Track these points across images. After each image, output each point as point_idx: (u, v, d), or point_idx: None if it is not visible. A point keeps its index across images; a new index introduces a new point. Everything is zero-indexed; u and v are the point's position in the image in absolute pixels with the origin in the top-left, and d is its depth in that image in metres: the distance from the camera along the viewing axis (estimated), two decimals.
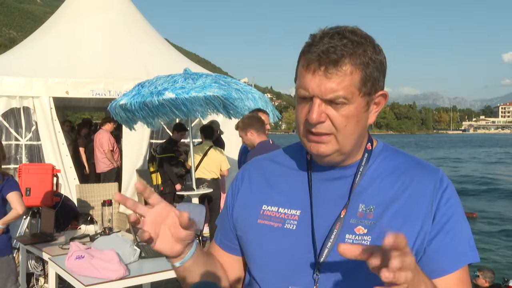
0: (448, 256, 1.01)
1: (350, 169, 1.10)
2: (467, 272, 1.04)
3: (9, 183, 3.44)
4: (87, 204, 6.30)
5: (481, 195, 19.06)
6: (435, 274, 1.01)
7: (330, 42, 0.98)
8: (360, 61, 0.99)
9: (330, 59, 0.97)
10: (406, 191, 1.05)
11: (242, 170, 1.26)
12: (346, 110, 1.00)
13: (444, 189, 1.05)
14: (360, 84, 1.00)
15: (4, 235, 3.42)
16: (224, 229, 1.23)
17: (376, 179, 1.08)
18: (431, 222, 1.02)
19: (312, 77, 0.99)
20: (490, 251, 10.40)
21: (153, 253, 3.73)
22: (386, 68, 1.06)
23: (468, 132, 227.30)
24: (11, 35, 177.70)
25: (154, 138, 8.22)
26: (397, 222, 1.02)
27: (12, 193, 3.41)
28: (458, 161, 37.91)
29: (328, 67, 0.98)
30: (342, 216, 1.05)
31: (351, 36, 0.99)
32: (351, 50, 0.98)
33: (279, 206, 1.12)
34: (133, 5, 9.60)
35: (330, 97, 0.99)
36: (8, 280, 3.42)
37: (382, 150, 1.13)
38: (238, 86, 5.60)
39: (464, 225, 1.05)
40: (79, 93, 7.51)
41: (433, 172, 1.08)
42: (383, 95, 1.06)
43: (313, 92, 1.00)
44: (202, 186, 6.50)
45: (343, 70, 0.98)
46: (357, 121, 1.02)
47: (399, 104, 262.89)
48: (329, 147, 1.03)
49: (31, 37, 9.26)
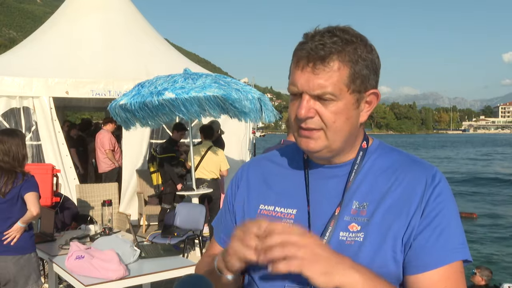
0: (434, 252, 0.99)
1: (345, 167, 1.10)
2: (457, 270, 1.01)
3: (28, 183, 3.46)
4: (87, 204, 6.30)
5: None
6: (419, 269, 1.00)
7: (320, 40, 1.00)
8: (349, 58, 1.00)
9: (318, 55, 0.99)
10: (399, 188, 1.05)
11: (241, 169, 1.28)
12: (334, 106, 1.01)
13: (436, 185, 1.04)
14: (349, 80, 1.00)
15: (26, 233, 3.46)
16: (226, 227, 1.23)
17: (371, 176, 1.08)
18: (419, 217, 1.01)
19: (301, 74, 1.01)
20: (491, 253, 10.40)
21: (153, 253, 3.73)
22: (379, 67, 1.07)
23: (468, 132, 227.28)
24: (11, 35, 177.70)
25: (154, 138, 8.23)
26: (389, 218, 1.02)
27: (29, 194, 3.43)
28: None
29: (316, 63, 0.99)
30: (336, 214, 1.05)
31: (342, 34, 1.01)
32: (340, 47, 0.99)
33: (275, 205, 1.13)
34: (133, 5, 9.60)
35: (318, 93, 1.00)
36: (29, 278, 3.46)
37: (377, 148, 1.14)
38: (238, 86, 5.60)
39: (454, 222, 1.03)
40: (79, 93, 7.52)
41: (427, 169, 1.07)
42: (375, 94, 1.07)
43: (302, 88, 1.01)
44: (202, 186, 6.50)
45: (330, 66, 0.99)
46: (346, 118, 1.03)
47: (399, 104, 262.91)
48: (319, 143, 1.04)
49: (31, 37, 9.27)
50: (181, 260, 3.76)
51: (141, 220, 7.69)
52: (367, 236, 1.01)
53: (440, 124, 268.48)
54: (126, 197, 7.93)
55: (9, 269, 3.37)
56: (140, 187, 7.86)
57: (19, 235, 3.39)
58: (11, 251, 3.37)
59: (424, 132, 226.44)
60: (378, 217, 1.03)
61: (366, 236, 1.01)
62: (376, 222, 1.02)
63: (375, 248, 1.00)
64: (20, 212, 3.43)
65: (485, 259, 9.59)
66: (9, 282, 3.37)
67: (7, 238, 3.35)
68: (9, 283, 3.37)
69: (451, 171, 27.71)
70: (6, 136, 3.50)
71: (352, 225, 1.04)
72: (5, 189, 3.36)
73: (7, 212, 3.38)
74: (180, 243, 5.38)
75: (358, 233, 1.02)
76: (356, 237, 1.02)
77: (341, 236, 1.03)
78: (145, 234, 6.88)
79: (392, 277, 1.01)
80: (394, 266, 1.01)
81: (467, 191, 20.14)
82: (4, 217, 3.38)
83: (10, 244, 3.36)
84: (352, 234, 1.03)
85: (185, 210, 5.70)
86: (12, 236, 3.37)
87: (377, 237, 1.01)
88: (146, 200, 7.67)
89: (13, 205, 3.41)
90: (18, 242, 3.40)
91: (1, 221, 3.38)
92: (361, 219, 1.04)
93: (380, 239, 1.01)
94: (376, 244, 1.01)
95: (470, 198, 18.26)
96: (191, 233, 5.46)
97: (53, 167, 5.21)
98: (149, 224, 7.79)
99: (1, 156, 3.43)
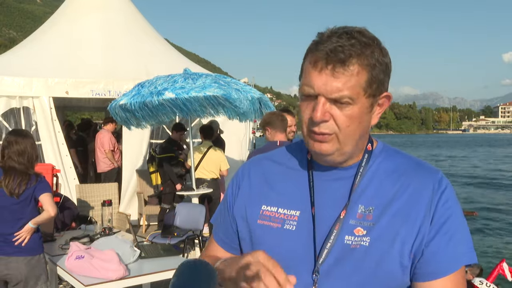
0: (446, 258, 1.00)
1: (350, 170, 1.09)
2: (463, 273, 1.03)
3: (41, 185, 3.46)
4: (87, 204, 6.30)
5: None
6: (431, 276, 1.00)
7: (338, 41, 0.97)
8: (367, 62, 0.98)
9: (338, 58, 0.96)
10: (405, 193, 1.04)
11: (242, 168, 1.26)
12: (350, 110, 0.99)
13: (443, 191, 1.04)
14: (366, 85, 0.99)
15: (35, 234, 3.45)
16: (225, 227, 1.22)
17: (376, 180, 1.07)
18: (429, 224, 1.01)
19: (319, 75, 0.99)
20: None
21: (153, 253, 3.73)
22: (391, 70, 1.06)
23: (468, 132, 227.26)
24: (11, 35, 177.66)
25: (154, 138, 8.22)
26: (396, 223, 1.01)
27: (44, 195, 3.43)
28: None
29: (336, 66, 0.97)
30: (341, 217, 1.04)
31: (359, 36, 0.99)
32: (359, 51, 0.97)
33: (278, 207, 1.11)
34: (133, 5, 9.60)
35: (335, 96, 0.98)
36: (40, 279, 3.46)
37: (382, 150, 1.13)
38: (238, 86, 5.60)
39: (462, 227, 1.04)
40: (79, 93, 7.52)
41: (432, 174, 1.07)
42: (387, 97, 1.06)
43: (319, 90, 0.99)
44: (202, 186, 6.50)
45: (350, 70, 0.97)
46: (359, 122, 1.02)
47: (399, 104, 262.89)
48: (330, 146, 1.03)
49: (31, 37, 9.27)
50: (181, 260, 3.75)
51: (141, 220, 7.69)
52: (373, 241, 1.01)
53: (440, 124, 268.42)
54: (126, 197, 7.93)
55: (21, 270, 3.36)
56: (140, 187, 7.86)
57: (29, 236, 3.38)
58: (23, 252, 3.36)
59: (424, 132, 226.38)
60: (384, 221, 1.02)
61: (372, 241, 1.01)
62: (382, 226, 1.01)
63: (381, 252, 1.00)
64: (32, 213, 3.42)
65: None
66: (20, 283, 3.37)
67: (18, 239, 3.34)
68: (19, 284, 3.37)
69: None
70: (21, 137, 3.48)
71: (357, 229, 1.03)
72: (19, 190, 3.34)
73: (19, 213, 3.37)
74: (180, 243, 5.38)
75: (363, 237, 1.01)
76: (362, 241, 1.01)
77: (346, 240, 1.02)
78: (145, 234, 6.88)
79: (398, 282, 1.01)
80: (400, 272, 1.00)
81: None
82: (16, 218, 3.36)
83: (21, 245, 3.35)
84: (358, 238, 1.02)
85: (185, 210, 5.70)
86: (23, 237, 3.35)
87: (384, 242, 1.00)
88: (146, 200, 7.66)
89: (25, 206, 3.39)
90: (29, 243, 3.38)
91: (13, 221, 3.36)
92: (367, 223, 1.03)
93: (387, 244, 1.00)
94: (383, 249, 1.00)
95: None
96: (191, 233, 5.46)
97: (53, 167, 5.21)
98: (149, 224, 7.79)
99: (16, 157, 3.40)
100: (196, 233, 5.51)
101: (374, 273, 0.98)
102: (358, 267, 0.98)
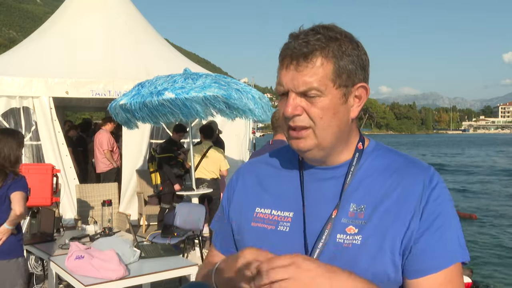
0: (435, 255, 0.99)
1: (341, 169, 1.09)
2: (457, 272, 1.00)
3: (16, 183, 3.34)
4: (87, 204, 6.30)
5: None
6: (420, 273, 0.99)
7: (304, 39, 1.01)
8: (332, 54, 1.00)
9: (301, 52, 1.00)
10: (396, 190, 1.04)
11: (236, 172, 1.27)
12: (321, 102, 1.01)
13: (434, 187, 1.03)
14: (334, 76, 1.01)
15: (13, 236, 3.32)
16: (223, 232, 1.23)
17: (368, 178, 1.07)
18: (418, 220, 1.00)
19: (286, 72, 1.02)
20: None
21: (153, 253, 3.73)
22: (368, 64, 1.06)
23: (468, 132, 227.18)
24: (11, 35, 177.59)
25: (154, 138, 8.23)
26: (387, 220, 1.01)
27: (15, 193, 3.31)
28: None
29: (299, 61, 1.00)
30: (333, 216, 1.04)
31: (326, 31, 1.02)
32: (323, 44, 1.00)
33: (272, 209, 1.12)
34: (133, 5, 9.61)
35: (303, 89, 1.00)
36: (16, 284, 3.33)
37: (374, 149, 1.13)
38: (238, 86, 5.59)
39: (453, 223, 1.02)
40: (79, 93, 7.52)
41: (424, 170, 1.06)
42: (364, 87, 1.06)
43: (287, 86, 1.02)
44: (202, 186, 6.50)
45: (313, 62, 1.00)
46: (333, 113, 1.02)
47: (399, 104, 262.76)
48: (308, 141, 1.04)
49: (31, 37, 9.27)
50: (181, 260, 3.76)
51: (141, 220, 7.69)
52: (365, 239, 1.00)
53: (440, 124, 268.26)
54: (126, 197, 7.93)
55: None
56: (140, 187, 7.86)
57: (5, 237, 3.25)
58: None
59: (424, 132, 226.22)
60: (375, 219, 1.02)
61: (364, 239, 1.00)
62: (374, 224, 1.01)
63: (374, 250, 1.00)
64: (7, 213, 3.28)
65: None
66: None
67: None
68: None
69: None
70: (1, 135, 3.41)
71: (349, 227, 1.03)
72: None
73: None
74: (180, 243, 5.38)
75: (355, 236, 1.01)
76: (354, 239, 1.01)
77: (338, 238, 1.02)
78: (145, 234, 6.88)
79: (391, 280, 1.01)
80: (392, 269, 1.00)
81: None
82: None
83: None
84: (350, 237, 1.02)
85: (185, 210, 5.69)
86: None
87: (375, 240, 1.00)
88: (146, 200, 7.67)
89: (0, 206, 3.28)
90: (4, 245, 3.25)
91: None
92: (359, 221, 1.02)
93: (379, 241, 1.00)
94: (375, 246, 1.00)
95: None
96: (191, 233, 5.45)
97: (53, 167, 5.21)
98: (149, 224, 7.79)
99: None
100: (196, 233, 5.51)
101: (366, 271, 0.98)
102: (351, 266, 0.97)
